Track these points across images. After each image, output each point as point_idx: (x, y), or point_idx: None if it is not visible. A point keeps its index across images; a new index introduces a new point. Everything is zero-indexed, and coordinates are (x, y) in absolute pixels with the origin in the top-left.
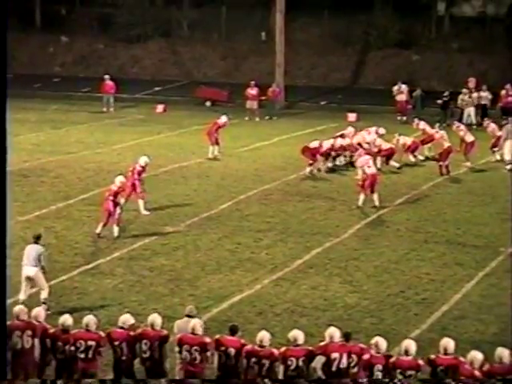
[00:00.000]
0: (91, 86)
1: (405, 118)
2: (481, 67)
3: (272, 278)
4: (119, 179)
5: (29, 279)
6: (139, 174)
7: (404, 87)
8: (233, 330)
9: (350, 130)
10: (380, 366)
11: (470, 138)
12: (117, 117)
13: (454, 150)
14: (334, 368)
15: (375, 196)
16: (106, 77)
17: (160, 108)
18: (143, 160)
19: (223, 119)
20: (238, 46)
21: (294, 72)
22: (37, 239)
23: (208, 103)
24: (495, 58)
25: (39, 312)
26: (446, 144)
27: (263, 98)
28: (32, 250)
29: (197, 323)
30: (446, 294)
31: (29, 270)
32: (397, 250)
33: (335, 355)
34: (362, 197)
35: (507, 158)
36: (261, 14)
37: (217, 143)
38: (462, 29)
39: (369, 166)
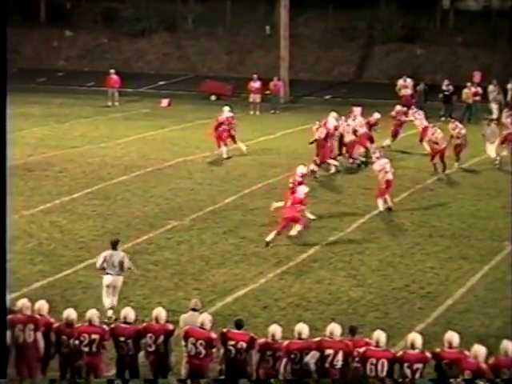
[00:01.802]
0: (95, 80)
1: None
2: (485, 61)
3: (276, 272)
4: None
5: (113, 287)
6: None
7: (409, 81)
8: (238, 325)
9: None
10: (374, 360)
11: (456, 141)
12: (121, 111)
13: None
14: (327, 364)
15: (388, 198)
16: (111, 71)
17: (164, 102)
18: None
19: (225, 114)
20: (243, 40)
21: (299, 66)
22: (115, 245)
23: (213, 97)
24: (500, 52)
25: (42, 305)
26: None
27: (267, 91)
28: (114, 258)
29: (206, 318)
30: (451, 287)
31: (114, 278)
32: (401, 244)
33: (329, 351)
34: (380, 201)
35: (492, 155)
36: (265, 8)
37: (225, 143)
38: (466, 23)
39: (386, 171)
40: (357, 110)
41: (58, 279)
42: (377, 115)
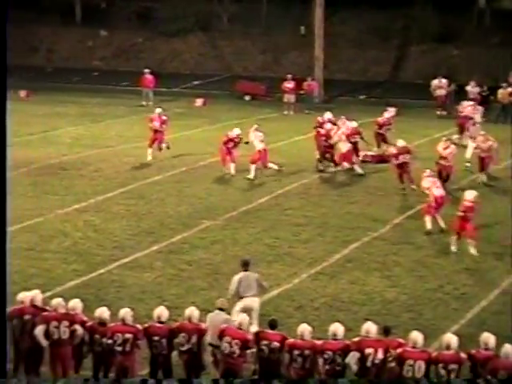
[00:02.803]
0: (131, 80)
1: (444, 113)
2: None
3: (310, 273)
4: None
5: (250, 310)
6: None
7: (444, 82)
8: (272, 325)
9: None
10: (411, 361)
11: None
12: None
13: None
14: (368, 363)
15: (439, 217)
16: (146, 71)
17: (199, 102)
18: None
19: (235, 132)
20: (278, 40)
21: (333, 66)
22: (246, 266)
23: (247, 97)
24: None
25: (76, 304)
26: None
27: (301, 91)
28: (250, 280)
29: (244, 319)
30: (485, 288)
31: (252, 301)
32: (436, 244)
33: (369, 350)
34: (428, 219)
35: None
36: (300, 8)
37: (232, 160)
38: (502, 23)
39: (437, 187)
40: (341, 121)
41: (91, 278)
42: (387, 114)
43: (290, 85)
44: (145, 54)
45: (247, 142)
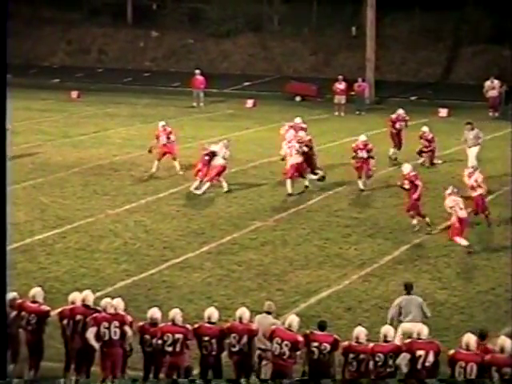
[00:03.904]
0: (181, 81)
1: (497, 114)
2: None
3: (360, 274)
4: None
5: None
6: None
7: (496, 82)
8: (322, 326)
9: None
10: (463, 363)
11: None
12: (206, 112)
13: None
14: (419, 365)
15: (463, 240)
16: (197, 71)
17: (249, 103)
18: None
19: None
20: (329, 41)
21: (385, 67)
22: (409, 289)
23: (298, 98)
24: None
25: (118, 303)
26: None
27: (352, 93)
28: (412, 304)
29: (294, 320)
30: None
31: (413, 325)
32: (487, 246)
33: (420, 352)
34: (460, 240)
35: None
36: (351, 9)
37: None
38: None
39: (460, 208)
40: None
41: (142, 278)
42: (400, 111)
43: (341, 86)
44: (195, 55)
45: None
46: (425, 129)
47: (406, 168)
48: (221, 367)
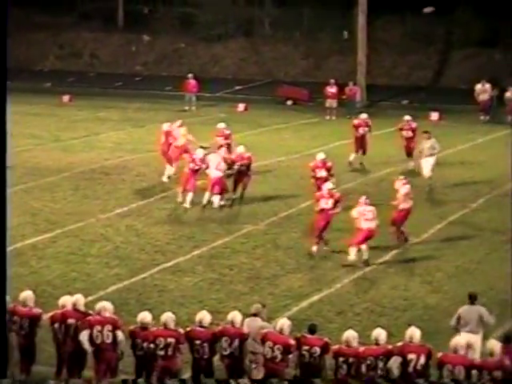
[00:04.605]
0: (173, 85)
1: (488, 118)
2: None
3: (351, 278)
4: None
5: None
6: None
7: (487, 86)
8: (312, 330)
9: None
10: (450, 366)
11: None
12: (198, 115)
13: None
14: (410, 369)
15: (364, 247)
16: (190, 75)
17: (241, 107)
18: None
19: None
20: (320, 45)
21: (376, 71)
22: (472, 299)
23: (289, 102)
24: None
25: (108, 307)
26: None
27: (343, 96)
28: (472, 314)
29: (285, 323)
30: None
31: (470, 337)
32: (478, 250)
33: (412, 356)
34: (352, 250)
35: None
36: (343, 13)
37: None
38: None
39: (366, 219)
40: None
41: (133, 283)
42: (363, 116)
43: (332, 90)
44: (186, 59)
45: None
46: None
47: (328, 185)
48: (213, 371)
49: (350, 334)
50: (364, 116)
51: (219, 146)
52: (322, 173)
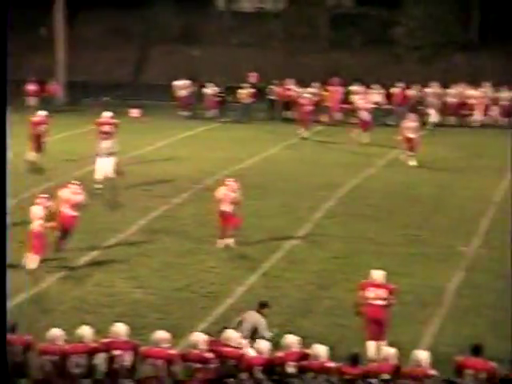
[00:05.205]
0: None
1: (187, 113)
2: (259, 62)
3: (58, 277)
4: None
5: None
6: None
7: (187, 82)
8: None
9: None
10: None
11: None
12: None
13: None
14: (116, 365)
15: (34, 260)
16: None
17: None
18: None
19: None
20: (18, 43)
21: (77, 68)
22: (263, 307)
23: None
24: (274, 52)
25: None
26: None
27: (45, 94)
28: (249, 320)
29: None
30: (231, 286)
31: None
32: (183, 244)
33: (117, 352)
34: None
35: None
36: (40, 9)
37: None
38: (242, 24)
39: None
40: None
41: None
42: (42, 112)
43: (32, 87)
44: None
45: None
46: None
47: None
48: None
49: (55, 332)
50: (43, 113)
51: None
52: None
